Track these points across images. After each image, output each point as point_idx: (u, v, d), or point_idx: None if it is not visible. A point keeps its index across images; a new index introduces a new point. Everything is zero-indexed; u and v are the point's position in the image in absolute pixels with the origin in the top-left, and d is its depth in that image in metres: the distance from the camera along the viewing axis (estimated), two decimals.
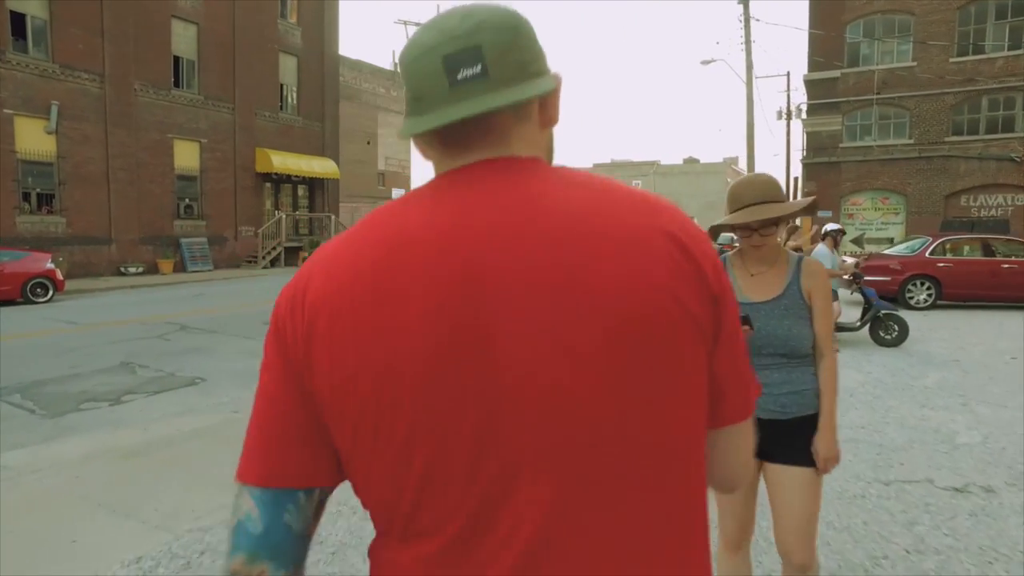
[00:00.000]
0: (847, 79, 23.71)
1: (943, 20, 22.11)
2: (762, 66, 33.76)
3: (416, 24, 30.14)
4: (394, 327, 0.63)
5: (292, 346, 0.67)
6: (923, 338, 9.03)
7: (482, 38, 0.67)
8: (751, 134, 23.06)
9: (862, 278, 8.71)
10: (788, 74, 39.10)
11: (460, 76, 0.66)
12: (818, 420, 1.93)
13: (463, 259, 0.64)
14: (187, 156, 21.45)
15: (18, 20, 17.01)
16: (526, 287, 0.63)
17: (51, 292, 13.50)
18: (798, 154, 27.98)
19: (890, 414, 5.30)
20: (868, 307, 8.40)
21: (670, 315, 0.64)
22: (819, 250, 7.78)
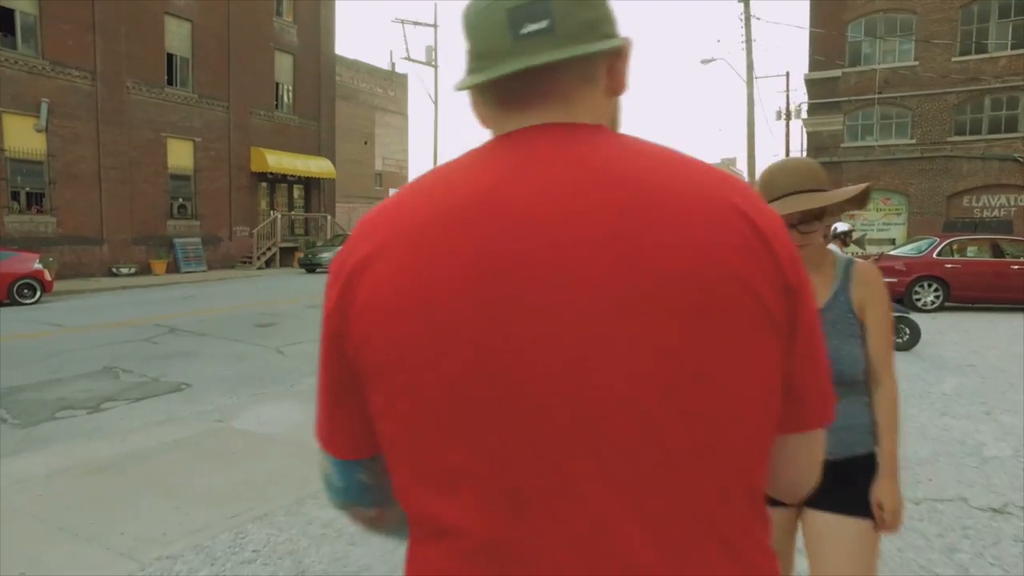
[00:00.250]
0: (848, 78, 23.49)
1: (946, 19, 21.90)
2: (762, 66, 33.70)
3: (415, 24, 29.91)
4: (435, 297, 0.60)
5: (331, 314, 0.66)
6: (934, 342, 8.77)
7: None
8: (751, 133, 22.80)
9: None
10: (787, 74, 39.03)
11: (524, 30, 0.64)
12: (874, 461, 1.57)
13: (513, 227, 0.60)
14: (181, 155, 21.15)
15: (6, 16, 16.70)
16: (581, 263, 0.59)
17: (38, 293, 13.20)
18: (797, 154, 27.78)
19: (910, 423, 5.02)
20: None
21: (740, 301, 0.60)
22: None
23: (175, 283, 17.76)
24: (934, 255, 12.38)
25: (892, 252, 14.13)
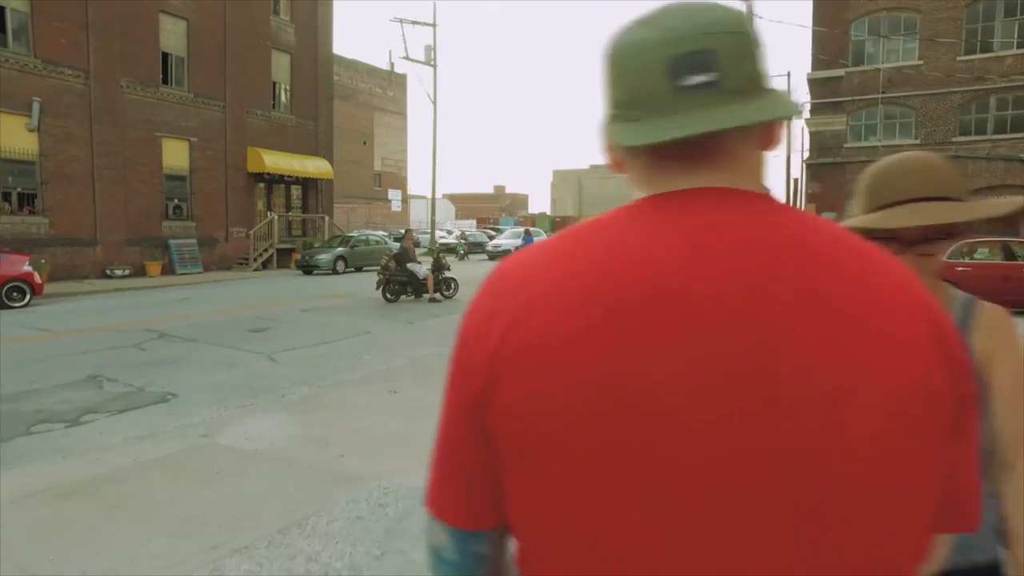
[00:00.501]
0: (852, 78, 23.26)
1: (950, 18, 21.66)
2: None
3: (413, 23, 29.64)
4: (612, 369, 0.56)
5: (475, 375, 0.62)
6: None
7: (716, 42, 0.60)
8: None
9: None
10: (789, 74, 38.93)
11: (687, 82, 0.60)
12: (1000, 573, 1.17)
13: (695, 314, 0.57)
14: (176, 155, 20.88)
15: None
16: (772, 351, 0.56)
17: (28, 296, 12.91)
18: (797, 155, 27.53)
19: None
20: None
21: (925, 409, 0.57)
22: None
23: (170, 285, 17.49)
24: (943, 257, 12.10)
25: None
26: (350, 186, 43.11)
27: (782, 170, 34.80)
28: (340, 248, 22.02)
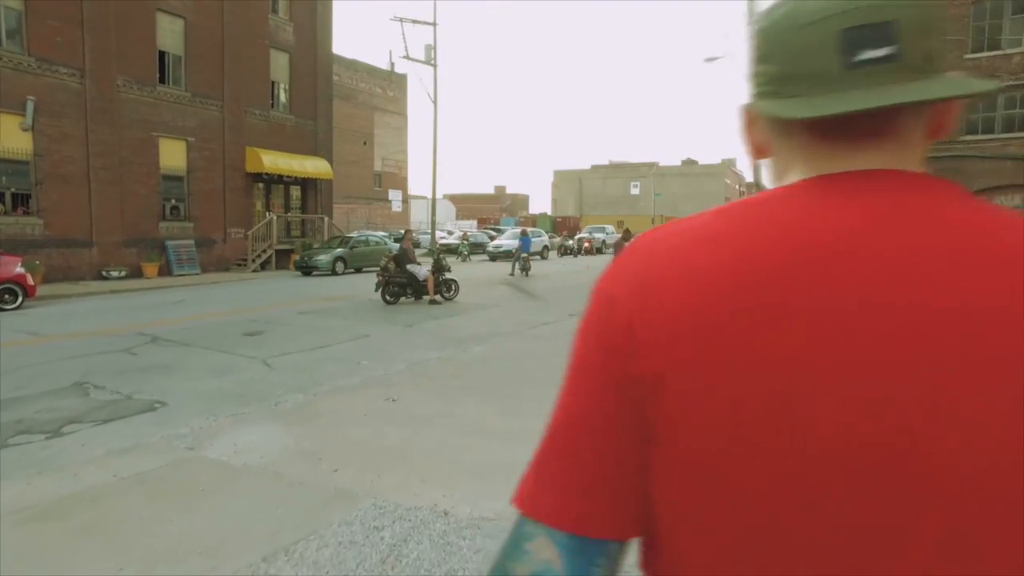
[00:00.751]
0: None
1: (957, 15, 21.37)
2: None
3: (414, 22, 29.38)
4: (780, 353, 0.53)
5: (640, 356, 0.57)
6: None
7: (898, 13, 0.55)
8: None
9: None
10: None
11: (861, 57, 0.56)
12: None
13: (878, 295, 0.53)
14: (173, 155, 20.62)
15: None
16: (948, 353, 0.51)
17: (20, 298, 12.65)
18: None
19: None
20: None
21: None
22: None
23: (166, 287, 17.23)
24: None
25: None
26: (350, 186, 42.86)
27: None
28: (339, 249, 21.76)
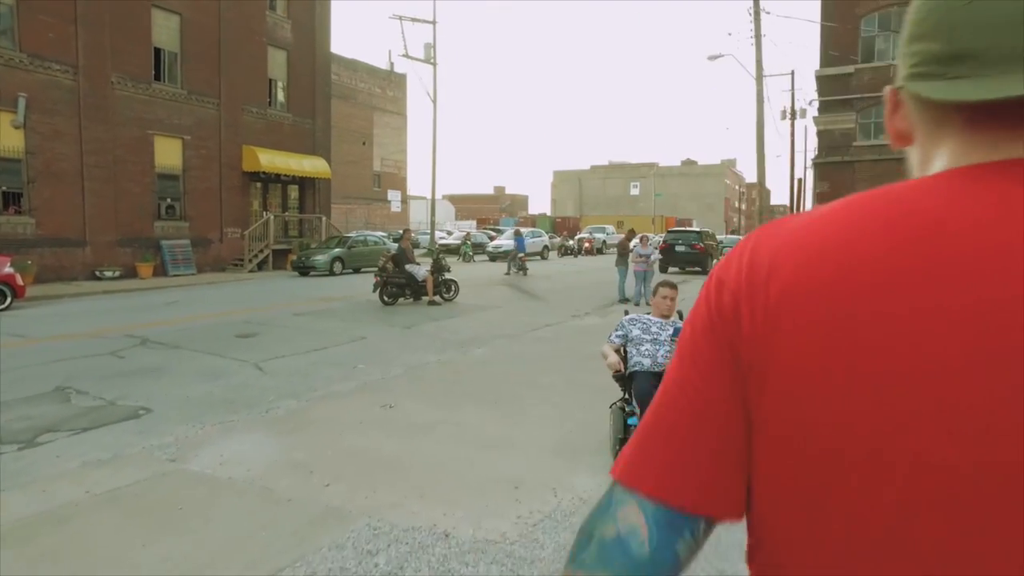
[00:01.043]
0: (861, 75, 22.69)
1: None
2: (770, 63, 33.21)
3: (413, 20, 29.08)
4: (912, 336, 0.50)
5: (747, 340, 0.56)
6: None
7: None
8: (761, 132, 21.94)
9: None
10: (792, 73, 38.41)
11: None
12: None
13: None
14: (169, 153, 20.29)
15: None
16: None
17: (9, 299, 12.32)
18: (802, 155, 26.95)
19: None
20: None
21: None
22: None
23: (161, 287, 16.91)
24: None
25: None
26: (349, 186, 42.55)
27: (785, 169, 34.28)
28: (337, 249, 21.44)
